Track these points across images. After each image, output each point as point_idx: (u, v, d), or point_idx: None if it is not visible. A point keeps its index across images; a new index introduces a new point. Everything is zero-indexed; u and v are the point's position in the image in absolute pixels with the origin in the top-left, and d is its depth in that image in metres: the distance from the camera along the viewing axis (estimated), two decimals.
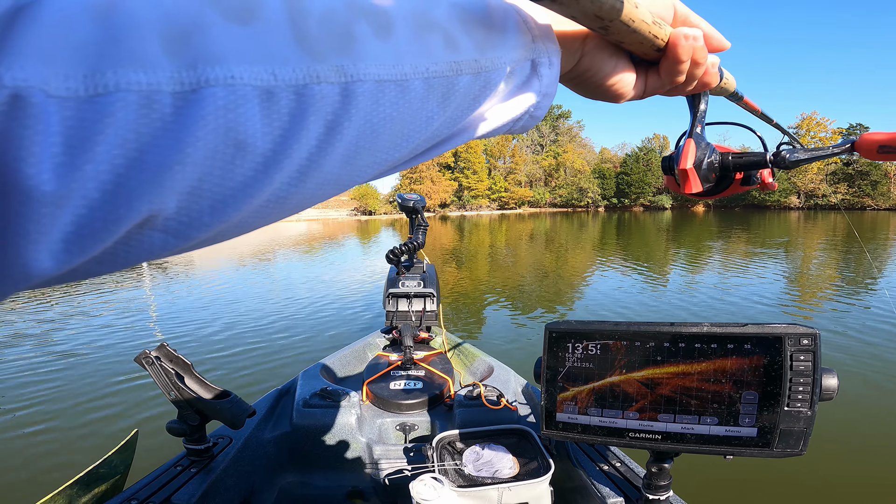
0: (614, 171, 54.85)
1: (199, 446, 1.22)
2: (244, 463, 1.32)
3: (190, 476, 1.16)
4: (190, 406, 1.17)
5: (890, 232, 16.72)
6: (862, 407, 2.90)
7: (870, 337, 4.19)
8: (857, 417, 2.76)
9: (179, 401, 1.15)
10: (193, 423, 1.19)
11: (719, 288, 6.68)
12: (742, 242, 13.87)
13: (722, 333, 0.73)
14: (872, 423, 2.73)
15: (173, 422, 1.20)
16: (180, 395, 1.14)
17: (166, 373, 1.13)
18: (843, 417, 2.71)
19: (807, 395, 0.70)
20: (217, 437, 1.33)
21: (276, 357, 3.96)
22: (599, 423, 0.81)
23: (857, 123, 49.02)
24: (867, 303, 5.52)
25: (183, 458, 1.22)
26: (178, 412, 1.19)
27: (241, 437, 1.35)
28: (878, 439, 2.57)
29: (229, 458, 1.26)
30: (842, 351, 3.85)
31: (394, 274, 2.40)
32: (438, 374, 1.83)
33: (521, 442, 1.27)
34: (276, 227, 28.73)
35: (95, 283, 7.90)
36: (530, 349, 4.07)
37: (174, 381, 1.14)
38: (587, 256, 11.41)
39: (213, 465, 1.22)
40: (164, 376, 1.13)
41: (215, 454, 1.26)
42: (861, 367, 3.48)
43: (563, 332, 0.81)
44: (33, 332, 4.91)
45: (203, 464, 1.21)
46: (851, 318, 4.90)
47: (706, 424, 0.75)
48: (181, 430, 1.19)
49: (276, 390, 1.71)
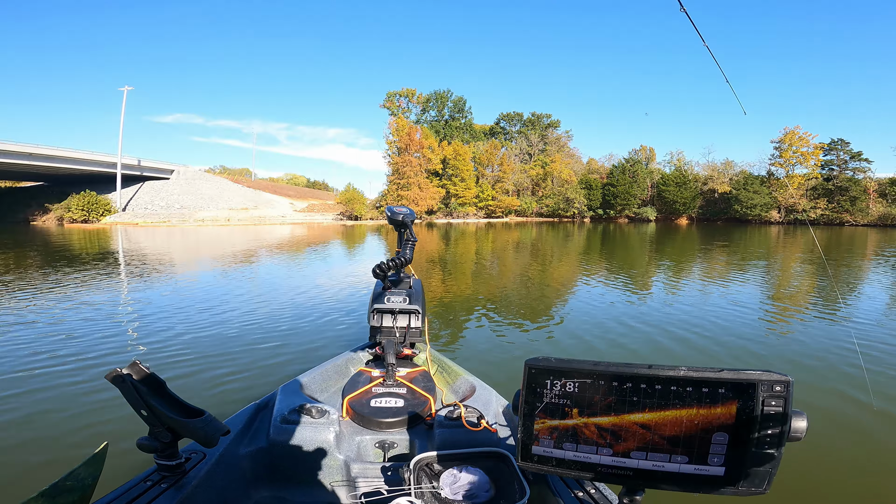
0: (601, 182, 55.44)
1: (170, 462, 1.20)
2: (218, 478, 1.30)
3: (160, 491, 1.14)
4: (161, 424, 1.15)
5: (868, 249, 17.18)
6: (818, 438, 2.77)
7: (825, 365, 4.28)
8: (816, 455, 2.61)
9: (150, 419, 1.14)
10: (164, 440, 1.17)
11: (696, 304, 6.78)
12: (723, 256, 14.10)
13: (698, 378, 0.75)
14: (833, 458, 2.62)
15: (144, 438, 1.18)
16: (152, 413, 1.12)
17: (138, 391, 1.11)
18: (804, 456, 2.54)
19: (775, 438, 0.73)
20: (190, 452, 1.31)
21: (253, 369, 3.85)
22: (574, 458, 0.82)
23: (839, 139, 50.23)
24: (828, 330, 5.64)
25: (153, 472, 1.20)
26: (149, 429, 1.17)
27: (215, 453, 1.34)
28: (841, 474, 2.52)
29: (202, 473, 1.24)
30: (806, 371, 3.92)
31: (380, 289, 2.38)
32: (420, 392, 1.82)
33: (498, 465, 1.28)
34: (257, 230, 28.43)
35: (70, 288, 7.70)
36: (512, 364, 4.05)
37: (146, 399, 1.12)
38: (572, 267, 11.49)
39: (184, 480, 1.20)
40: (136, 394, 1.11)
41: (187, 469, 1.24)
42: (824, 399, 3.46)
43: (541, 369, 0.82)
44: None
45: (174, 479, 1.19)
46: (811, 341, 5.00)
47: (676, 463, 0.77)
48: (152, 446, 1.17)
49: (253, 404, 1.69)
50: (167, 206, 47.70)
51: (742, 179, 51.29)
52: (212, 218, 44.31)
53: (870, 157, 57.05)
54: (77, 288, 7.71)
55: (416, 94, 59.81)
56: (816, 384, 3.60)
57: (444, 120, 61.89)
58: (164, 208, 47.34)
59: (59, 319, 5.50)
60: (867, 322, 5.52)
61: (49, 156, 41.09)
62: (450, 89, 61.51)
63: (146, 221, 41.63)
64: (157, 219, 42.95)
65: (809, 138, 50.07)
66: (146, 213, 45.33)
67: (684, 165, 57.09)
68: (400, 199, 48.38)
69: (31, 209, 46.67)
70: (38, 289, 7.56)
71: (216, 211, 47.38)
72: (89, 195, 43.08)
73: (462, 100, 62.35)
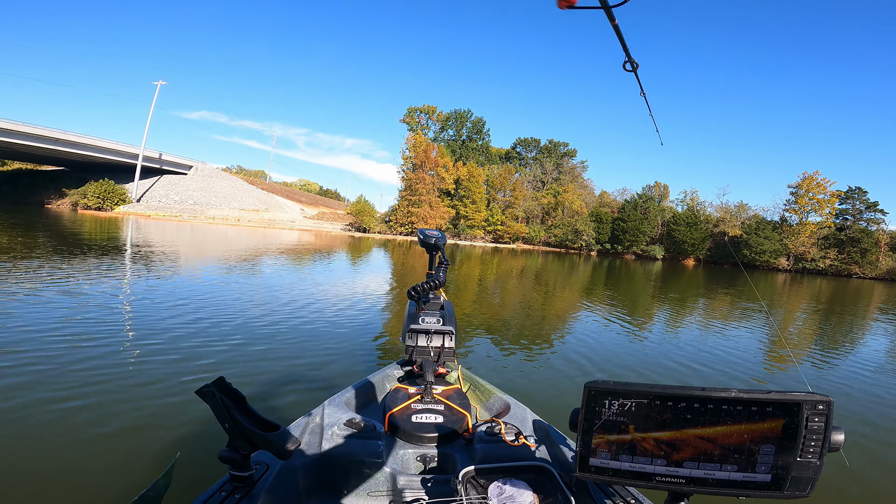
0: (611, 217, 55.40)
1: (244, 473, 1.28)
2: (280, 489, 1.37)
3: (235, 501, 1.21)
4: (243, 436, 1.22)
5: (872, 303, 16.93)
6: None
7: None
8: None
9: (233, 431, 1.21)
10: (244, 452, 1.25)
11: (696, 345, 6.71)
12: (727, 301, 13.97)
13: (748, 398, 0.85)
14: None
15: (225, 450, 1.25)
16: (235, 426, 1.20)
17: (224, 405, 1.19)
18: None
19: (817, 449, 0.83)
20: (255, 464, 1.38)
21: (290, 385, 3.77)
22: (629, 469, 0.91)
23: (857, 187, 49.93)
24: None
25: (226, 483, 1.27)
26: (228, 440, 1.24)
27: (277, 464, 1.41)
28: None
29: (268, 484, 1.32)
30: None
31: (413, 309, 2.47)
32: (457, 408, 1.89)
33: (540, 478, 1.35)
34: (265, 233, 28.66)
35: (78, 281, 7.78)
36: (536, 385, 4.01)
37: (231, 412, 1.20)
38: (576, 298, 11.43)
39: (255, 491, 1.27)
40: (223, 408, 1.19)
41: (256, 480, 1.31)
42: None
43: (600, 391, 0.91)
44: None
45: (246, 490, 1.26)
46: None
47: (726, 471, 0.87)
48: (231, 457, 1.25)
49: (303, 418, 1.76)
50: (181, 201, 48.37)
51: (754, 224, 51.05)
52: (223, 216, 44.83)
53: (885, 207, 56.50)
54: (87, 281, 7.79)
55: (436, 112, 60.71)
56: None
57: (461, 140, 62.63)
58: (178, 202, 48.00)
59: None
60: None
61: (75, 142, 42.07)
62: (470, 109, 62.47)
63: (158, 214, 42.22)
64: (169, 212, 43.54)
65: (827, 185, 49.72)
66: (160, 206, 45.97)
67: (697, 205, 57.03)
68: (410, 215, 48.66)
69: (48, 192, 47.55)
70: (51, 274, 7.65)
71: (228, 210, 47.95)
72: (107, 183, 43.86)
73: (481, 121, 63.17)
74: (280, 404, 3.36)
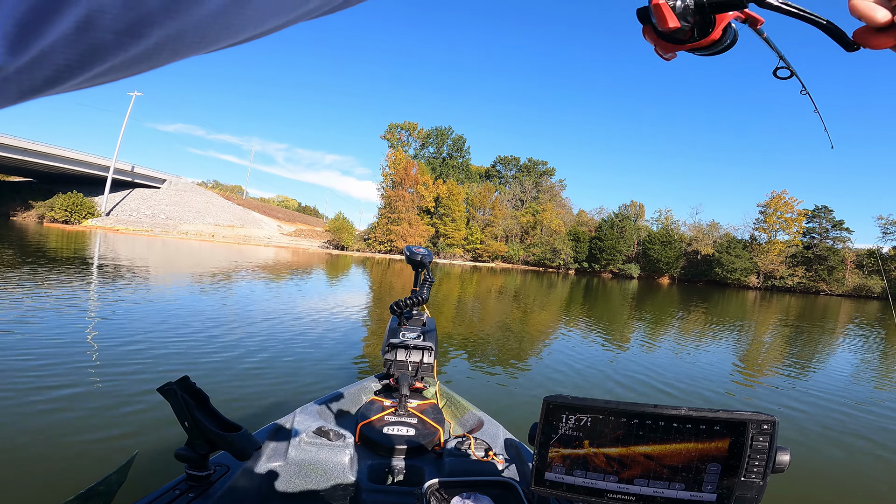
0: (589, 235, 56.42)
1: (200, 473, 1.27)
2: (239, 492, 1.35)
3: (188, 500, 1.20)
4: (202, 435, 1.22)
5: (838, 321, 17.47)
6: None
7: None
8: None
9: (193, 430, 1.21)
10: (202, 452, 1.24)
11: (669, 362, 6.75)
12: (700, 319, 14.22)
13: (697, 416, 0.85)
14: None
15: (182, 449, 1.24)
16: (195, 425, 1.20)
17: (186, 404, 1.19)
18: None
19: (761, 469, 0.83)
20: (215, 465, 1.36)
21: (266, 392, 3.88)
22: (583, 484, 0.92)
23: (823, 206, 52.03)
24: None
25: (182, 481, 1.26)
26: (187, 439, 1.24)
27: (238, 467, 1.39)
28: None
29: (226, 486, 1.30)
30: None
31: (395, 324, 2.52)
32: (430, 423, 1.90)
33: (504, 493, 1.34)
34: (240, 249, 28.10)
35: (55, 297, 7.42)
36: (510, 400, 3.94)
37: (191, 411, 1.20)
38: (554, 316, 11.46)
39: (210, 491, 1.26)
40: (184, 407, 1.19)
41: (213, 481, 1.29)
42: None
43: (559, 405, 0.92)
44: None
45: (202, 490, 1.25)
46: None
47: (674, 489, 0.87)
48: (188, 456, 1.24)
49: (272, 423, 1.74)
50: (153, 215, 47.24)
51: (725, 242, 52.73)
52: (196, 232, 43.89)
53: (851, 226, 59.21)
54: (55, 290, 7.44)
55: (417, 128, 61.18)
56: None
57: (441, 157, 63.12)
58: (150, 217, 46.86)
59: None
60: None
61: (43, 153, 40.81)
62: (451, 127, 63.16)
63: (128, 228, 41.02)
64: (139, 227, 42.38)
65: (795, 204, 51.67)
66: (130, 220, 44.75)
67: (671, 224, 58.61)
68: (389, 233, 48.51)
69: (14, 204, 45.84)
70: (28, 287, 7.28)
71: (202, 225, 47.00)
72: (75, 196, 42.57)
73: (462, 138, 63.90)
74: (249, 414, 3.36)
